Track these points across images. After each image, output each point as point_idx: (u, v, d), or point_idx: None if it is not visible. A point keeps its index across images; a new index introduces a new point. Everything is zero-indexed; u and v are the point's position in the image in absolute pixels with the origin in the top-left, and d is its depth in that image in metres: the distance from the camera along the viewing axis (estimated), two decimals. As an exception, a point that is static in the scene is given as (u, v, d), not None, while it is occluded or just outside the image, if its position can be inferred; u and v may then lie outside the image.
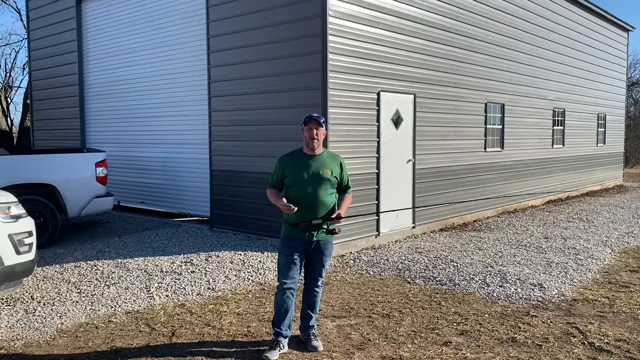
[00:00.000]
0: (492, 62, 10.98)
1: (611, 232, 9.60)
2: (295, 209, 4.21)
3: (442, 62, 9.58)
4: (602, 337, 4.75)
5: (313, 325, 4.62)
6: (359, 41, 7.90)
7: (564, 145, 14.42)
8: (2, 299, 5.73)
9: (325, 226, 4.34)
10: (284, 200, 4.31)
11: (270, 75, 8.12)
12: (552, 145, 13.86)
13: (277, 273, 4.50)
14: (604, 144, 17.25)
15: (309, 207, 4.31)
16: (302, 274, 4.56)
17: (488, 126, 11.05)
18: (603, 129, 17.08)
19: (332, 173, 4.40)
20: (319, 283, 4.60)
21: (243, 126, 8.58)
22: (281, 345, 4.41)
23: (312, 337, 4.58)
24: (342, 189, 4.56)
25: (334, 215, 4.34)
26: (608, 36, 16.78)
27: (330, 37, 7.43)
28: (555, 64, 13.54)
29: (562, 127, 14.27)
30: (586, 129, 15.89)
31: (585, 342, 4.66)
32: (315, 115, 4.48)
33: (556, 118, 13.95)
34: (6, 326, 5.01)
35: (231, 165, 8.81)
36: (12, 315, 5.29)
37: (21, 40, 26.23)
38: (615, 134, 18.19)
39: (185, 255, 7.37)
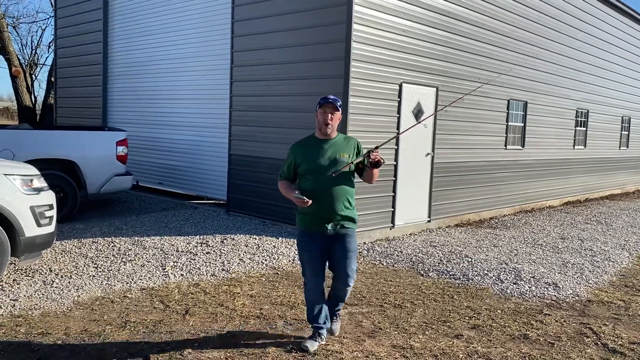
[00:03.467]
0: (517, 59, 10.83)
1: (630, 236, 9.47)
2: (310, 202, 3.89)
3: (466, 56, 9.48)
4: (616, 339, 4.70)
5: (339, 309, 4.43)
6: (384, 31, 7.86)
7: (585, 146, 14.21)
8: (22, 269, 5.85)
9: (367, 158, 4.01)
10: (297, 192, 3.98)
11: (293, 61, 8.11)
12: (574, 146, 13.67)
13: (301, 269, 4.28)
14: (627, 147, 16.96)
15: (327, 196, 3.98)
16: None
17: (509, 123, 10.93)
18: (627, 133, 16.79)
19: (349, 157, 4.07)
20: (349, 283, 4.21)
21: (263, 112, 8.60)
22: (322, 337, 4.22)
23: (335, 318, 4.38)
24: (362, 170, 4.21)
25: (367, 151, 4.04)
26: (638, 37, 16.44)
27: (354, 26, 7.39)
28: (582, 64, 13.32)
29: (584, 128, 14.06)
30: (609, 132, 15.62)
31: (599, 342, 4.62)
32: (332, 97, 4.07)
33: (579, 119, 13.74)
34: (25, 296, 5.12)
35: (250, 150, 8.85)
36: (31, 285, 5.40)
37: (48, 19, 26.50)
38: (639, 138, 17.86)
39: (201, 237, 7.44)
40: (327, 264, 4.24)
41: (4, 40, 18.49)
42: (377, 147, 4.11)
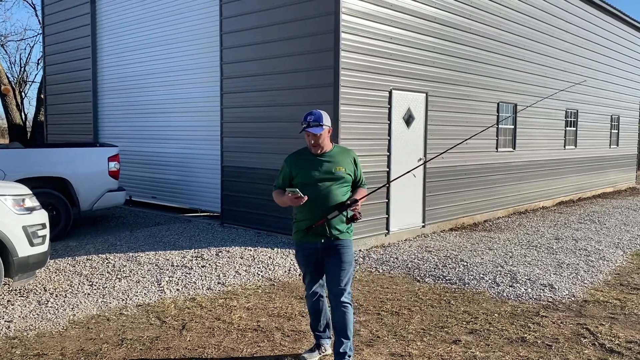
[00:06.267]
0: (505, 62, 10.92)
1: (623, 234, 9.52)
2: (306, 197, 3.75)
3: (454, 61, 9.55)
4: (613, 339, 4.72)
5: (345, 353, 3.91)
6: (372, 39, 7.90)
7: (576, 146, 14.31)
8: (16, 289, 5.80)
9: (344, 214, 3.88)
10: (288, 190, 3.82)
11: (282, 72, 8.14)
12: (565, 146, 13.76)
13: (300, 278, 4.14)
14: (617, 145, 17.10)
15: (322, 210, 3.86)
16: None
17: (500, 126, 11.00)
18: (616, 131, 16.93)
19: (345, 170, 3.94)
20: (344, 300, 3.89)
21: (254, 123, 8.62)
22: (323, 348, 4.20)
23: None
24: (356, 186, 4.09)
25: (349, 202, 3.86)
26: (623, 37, 16.62)
27: (342, 35, 7.43)
28: (569, 65, 13.43)
29: (574, 128, 14.17)
30: (599, 131, 15.75)
31: (596, 343, 4.64)
32: (312, 118, 3.87)
33: (569, 119, 13.85)
34: (19, 316, 5.08)
35: (242, 161, 8.85)
36: (26, 306, 5.35)
37: (36, 36, 26.50)
38: (628, 136, 18.02)
39: (196, 250, 7.42)
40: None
41: (-8, 59, 18.42)
42: (357, 200, 3.88)
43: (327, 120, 3.94)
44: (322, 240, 3.92)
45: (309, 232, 3.90)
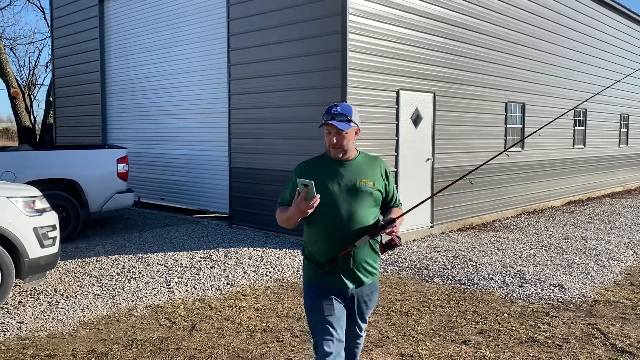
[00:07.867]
0: (513, 61, 10.87)
1: (633, 234, 9.45)
2: (318, 197, 2.68)
3: (462, 61, 9.52)
4: (624, 339, 4.69)
5: None
6: (379, 39, 7.90)
7: (585, 145, 14.23)
8: (27, 291, 5.85)
9: (378, 239, 2.96)
10: (300, 182, 2.67)
11: (290, 73, 8.15)
12: (573, 146, 13.68)
13: (311, 339, 2.93)
14: (627, 144, 16.98)
15: (344, 237, 2.83)
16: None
17: (508, 125, 10.95)
18: (626, 130, 16.82)
19: (374, 185, 2.91)
20: (362, 334, 3.16)
21: (262, 124, 8.63)
22: None
23: None
24: (388, 206, 3.04)
25: (383, 222, 2.86)
26: (633, 35, 16.51)
27: (350, 35, 7.43)
28: (578, 63, 13.36)
29: (583, 128, 14.09)
30: (608, 130, 15.65)
31: (607, 343, 4.61)
32: (338, 110, 2.87)
33: (577, 118, 13.77)
34: (30, 317, 5.12)
35: (250, 162, 8.87)
36: (36, 307, 5.39)
37: (44, 39, 26.69)
38: (638, 135, 17.89)
39: (205, 251, 7.44)
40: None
41: (2, 62, 18.60)
42: (394, 220, 2.85)
43: (356, 117, 2.92)
44: (352, 286, 2.92)
45: (329, 267, 2.87)
